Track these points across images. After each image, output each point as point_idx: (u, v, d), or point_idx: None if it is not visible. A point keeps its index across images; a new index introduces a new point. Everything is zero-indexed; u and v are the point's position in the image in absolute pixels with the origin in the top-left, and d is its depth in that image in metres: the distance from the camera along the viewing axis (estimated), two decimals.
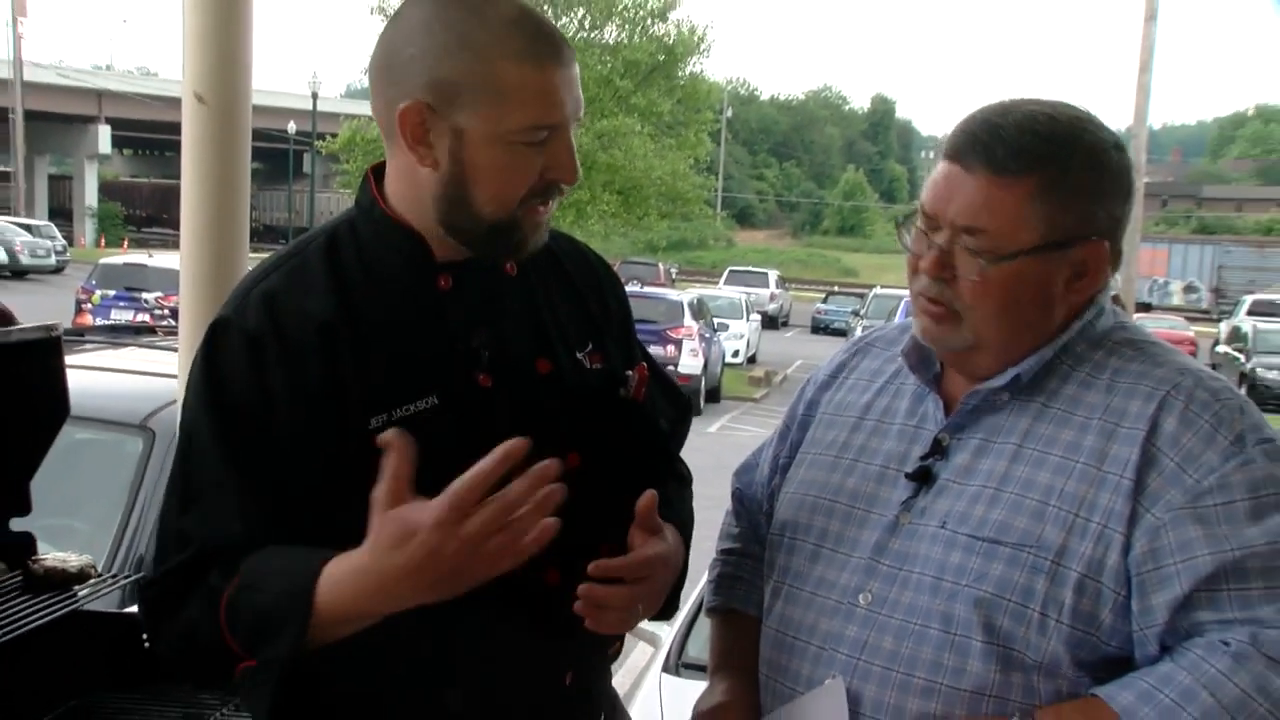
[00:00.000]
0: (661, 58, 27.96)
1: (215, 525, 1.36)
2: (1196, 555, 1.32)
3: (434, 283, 1.47)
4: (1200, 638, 1.31)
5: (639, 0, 28.38)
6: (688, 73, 28.79)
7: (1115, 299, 1.54)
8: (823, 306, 36.13)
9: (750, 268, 39.55)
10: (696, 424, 1.80)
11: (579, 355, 1.55)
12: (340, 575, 1.28)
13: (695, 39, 28.30)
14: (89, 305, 15.97)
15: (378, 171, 1.51)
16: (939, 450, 1.49)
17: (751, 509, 1.74)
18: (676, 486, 1.65)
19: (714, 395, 18.17)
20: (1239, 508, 1.33)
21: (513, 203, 1.43)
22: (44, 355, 2.23)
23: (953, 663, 1.39)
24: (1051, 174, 1.41)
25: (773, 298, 35.31)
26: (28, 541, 2.28)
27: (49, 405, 2.25)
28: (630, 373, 1.59)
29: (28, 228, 32.42)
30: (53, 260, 31.44)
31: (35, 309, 2.62)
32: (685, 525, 1.60)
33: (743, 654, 1.63)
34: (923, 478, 1.48)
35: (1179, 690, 1.29)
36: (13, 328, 2.24)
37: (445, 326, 1.46)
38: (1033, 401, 1.46)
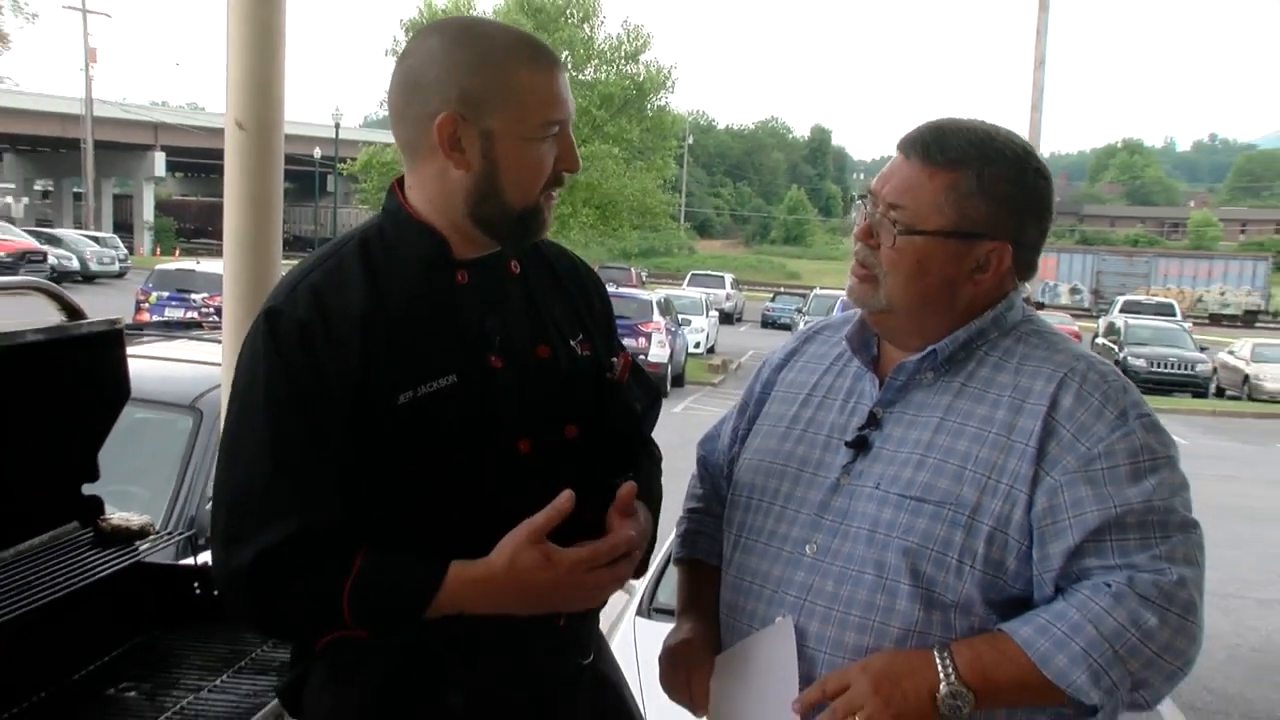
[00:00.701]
0: (633, 93, 27.87)
1: (316, 500, 1.32)
2: (1086, 511, 1.33)
3: (452, 277, 1.45)
4: (1087, 580, 1.32)
5: (615, 45, 28.29)
6: (656, 106, 28.70)
7: (1027, 299, 1.55)
8: (771, 305, 36.03)
9: (709, 272, 39.50)
10: (663, 406, 1.78)
11: (571, 343, 1.53)
12: (464, 577, 1.33)
13: (662, 77, 28.20)
14: (146, 304, 15.77)
15: (400, 183, 1.49)
16: (874, 422, 1.49)
17: (714, 473, 1.73)
18: (649, 465, 1.63)
19: (679, 381, 18.14)
20: (1121, 471, 1.34)
21: (535, 191, 1.43)
22: (109, 345, 2.22)
23: (884, 603, 1.39)
24: (970, 175, 1.41)
25: (728, 297, 35.30)
26: (97, 504, 2.27)
27: (113, 388, 2.24)
28: (615, 359, 1.58)
29: (96, 239, 32.10)
30: (116, 267, 31.12)
31: (101, 307, 2.58)
32: (655, 502, 1.58)
33: (705, 598, 1.62)
34: (860, 445, 1.48)
35: (1069, 624, 1.30)
36: (82, 321, 2.22)
37: (461, 315, 1.44)
38: (953, 381, 1.46)
